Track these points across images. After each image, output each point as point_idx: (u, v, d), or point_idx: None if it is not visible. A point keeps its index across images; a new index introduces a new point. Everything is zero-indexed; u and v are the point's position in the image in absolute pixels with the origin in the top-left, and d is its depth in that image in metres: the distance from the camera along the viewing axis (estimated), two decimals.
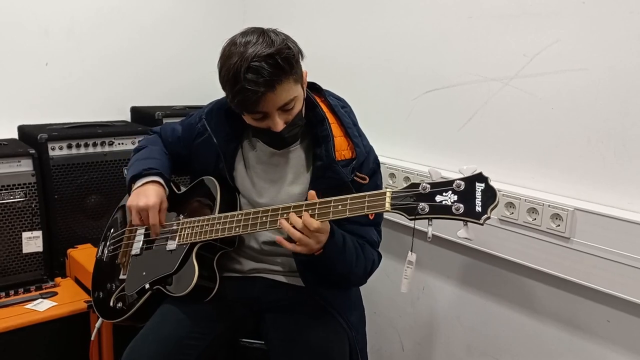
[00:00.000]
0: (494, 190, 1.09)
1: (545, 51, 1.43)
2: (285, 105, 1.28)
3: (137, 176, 1.47)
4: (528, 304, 1.55)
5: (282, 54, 1.23)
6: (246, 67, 1.21)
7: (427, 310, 1.85)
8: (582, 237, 1.35)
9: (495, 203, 1.08)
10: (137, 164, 1.51)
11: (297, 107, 1.32)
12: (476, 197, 1.09)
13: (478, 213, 1.08)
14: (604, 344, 1.39)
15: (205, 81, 2.57)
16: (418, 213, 1.12)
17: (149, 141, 1.63)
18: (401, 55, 1.84)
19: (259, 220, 1.30)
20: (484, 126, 1.60)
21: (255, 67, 1.20)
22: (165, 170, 1.51)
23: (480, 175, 1.10)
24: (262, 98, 1.23)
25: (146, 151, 1.57)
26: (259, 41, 1.24)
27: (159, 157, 1.54)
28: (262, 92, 1.22)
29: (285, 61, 1.23)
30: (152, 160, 1.51)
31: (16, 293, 1.86)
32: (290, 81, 1.26)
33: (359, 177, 1.36)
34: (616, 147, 1.32)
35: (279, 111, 1.28)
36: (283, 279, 1.49)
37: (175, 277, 1.39)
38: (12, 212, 1.88)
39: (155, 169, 1.48)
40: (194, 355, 1.34)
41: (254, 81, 1.21)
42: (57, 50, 2.25)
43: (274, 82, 1.22)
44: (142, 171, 1.46)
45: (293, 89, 1.28)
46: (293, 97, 1.28)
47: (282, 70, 1.23)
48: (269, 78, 1.21)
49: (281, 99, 1.26)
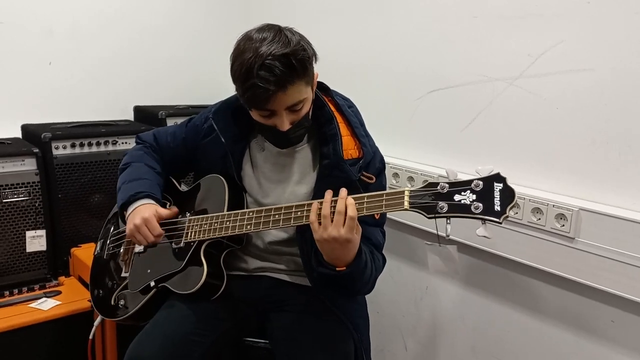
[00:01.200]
0: (512, 190, 1.10)
1: (550, 51, 1.43)
2: (294, 105, 1.28)
3: (126, 204, 1.45)
4: (532, 304, 1.55)
5: (297, 55, 1.23)
6: (260, 64, 1.20)
7: (431, 311, 1.85)
8: (586, 237, 1.35)
9: (513, 202, 1.09)
10: (123, 190, 1.48)
11: (305, 109, 1.31)
12: (495, 196, 1.10)
13: (497, 212, 1.09)
14: (609, 344, 1.38)
15: (208, 80, 2.58)
16: (437, 212, 1.12)
17: (133, 157, 1.57)
18: (405, 55, 1.84)
19: (271, 219, 1.29)
20: (488, 126, 1.60)
21: (269, 65, 1.20)
22: (154, 188, 1.49)
23: (498, 175, 1.11)
24: (272, 97, 1.23)
25: (131, 171, 1.52)
26: (275, 39, 1.23)
27: (144, 177, 1.50)
28: (272, 91, 1.22)
29: (300, 63, 1.23)
30: (138, 182, 1.48)
31: (20, 292, 1.87)
32: (302, 83, 1.26)
33: (366, 176, 1.36)
34: (621, 147, 1.32)
35: (287, 111, 1.28)
36: (288, 278, 1.49)
37: (182, 275, 1.39)
38: (16, 211, 1.88)
39: (143, 191, 1.46)
40: (199, 352, 1.34)
41: (265, 79, 1.20)
42: (60, 50, 2.25)
43: (285, 82, 1.22)
44: (130, 197, 1.44)
45: (303, 91, 1.28)
46: (303, 99, 1.28)
47: (295, 72, 1.23)
48: (281, 78, 1.21)
49: (291, 99, 1.26)
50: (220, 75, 2.62)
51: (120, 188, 1.49)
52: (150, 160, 1.56)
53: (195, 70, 2.58)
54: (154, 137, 1.61)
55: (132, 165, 1.54)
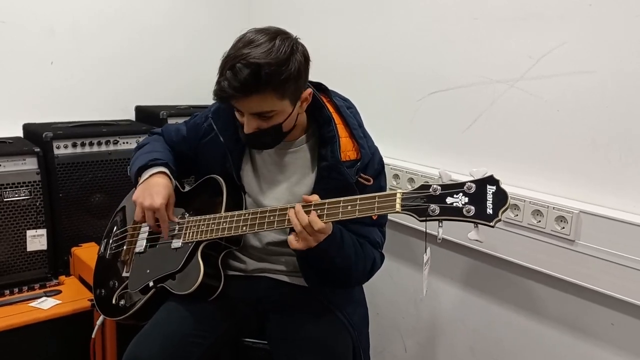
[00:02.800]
0: (505, 192, 1.09)
1: (551, 53, 1.43)
2: (262, 113, 1.28)
3: (143, 167, 1.47)
4: (532, 306, 1.54)
5: (268, 67, 1.20)
6: (231, 65, 1.22)
7: (431, 312, 1.85)
8: (587, 240, 1.35)
9: (506, 206, 1.08)
10: (141, 157, 1.51)
11: (276, 120, 1.30)
12: (487, 199, 1.09)
13: (489, 215, 1.08)
14: (608, 347, 1.38)
15: (209, 80, 2.56)
16: (429, 214, 1.12)
17: (151, 139, 1.63)
18: (406, 56, 1.84)
19: (266, 220, 1.30)
20: (489, 128, 1.60)
21: (238, 69, 1.21)
22: (171, 161, 1.52)
23: (491, 177, 1.10)
24: (232, 98, 1.25)
25: (149, 146, 1.57)
26: (262, 45, 1.22)
27: (163, 150, 1.54)
28: (231, 94, 1.23)
29: (269, 77, 1.21)
30: (156, 153, 1.52)
31: (20, 291, 1.87)
32: (270, 95, 1.24)
33: (363, 178, 1.36)
34: (622, 150, 1.32)
35: (253, 115, 1.28)
36: (287, 279, 1.49)
37: (180, 276, 1.39)
38: (16, 210, 1.88)
39: (160, 159, 1.49)
40: (198, 353, 1.34)
41: (229, 81, 1.22)
42: (62, 50, 2.26)
43: (247, 90, 1.22)
44: (149, 162, 1.47)
45: (272, 103, 1.26)
46: (271, 110, 1.27)
47: (259, 83, 1.21)
48: (244, 85, 1.21)
49: (253, 106, 1.26)
50: None
51: (138, 157, 1.52)
52: (165, 144, 1.60)
53: (197, 70, 2.58)
54: (162, 131, 1.65)
55: (151, 143, 1.59)
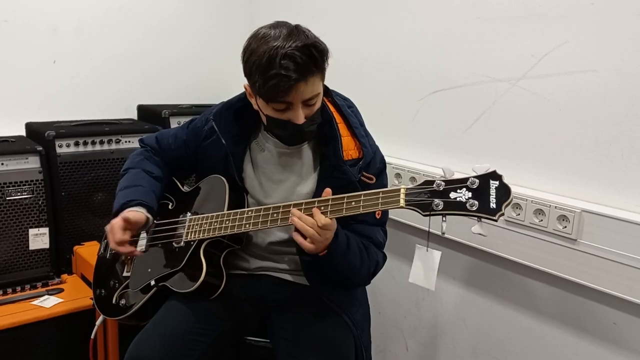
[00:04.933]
0: (507, 187, 1.10)
1: (554, 52, 1.43)
2: (310, 99, 1.29)
3: (117, 212, 1.44)
4: (534, 305, 1.54)
5: (318, 46, 1.24)
6: (283, 54, 1.21)
7: (432, 312, 1.85)
8: (589, 239, 1.35)
9: (509, 200, 1.09)
10: (118, 197, 1.48)
11: (317, 104, 1.33)
12: (490, 194, 1.10)
13: (493, 209, 1.09)
14: (610, 346, 1.38)
15: (211, 80, 2.58)
16: (433, 209, 1.13)
17: (132, 162, 1.58)
18: (408, 55, 1.84)
19: (269, 218, 1.30)
20: (491, 127, 1.60)
21: (291, 55, 1.21)
22: (147, 195, 1.48)
23: (494, 172, 1.11)
24: (294, 87, 1.23)
25: (128, 177, 1.53)
26: (292, 33, 1.25)
27: (139, 184, 1.50)
28: (294, 80, 1.22)
29: (320, 54, 1.25)
30: (132, 190, 1.48)
31: (23, 289, 1.88)
32: (319, 76, 1.28)
33: (366, 177, 1.36)
34: (624, 149, 1.32)
35: (302, 104, 1.29)
36: (289, 277, 1.49)
37: (182, 274, 1.39)
38: (19, 209, 1.89)
39: (134, 199, 1.45)
40: (199, 351, 1.35)
41: (288, 68, 1.21)
42: (65, 49, 2.26)
43: (307, 72, 1.23)
44: (122, 206, 1.44)
45: (318, 85, 1.30)
46: (317, 93, 1.30)
47: (315, 63, 1.24)
48: (303, 67, 1.22)
49: (309, 91, 1.27)
50: (224, 75, 2.62)
51: (117, 195, 1.50)
52: (150, 165, 1.56)
53: (199, 70, 2.58)
54: (156, 140, 1.61)
55: (130, 172, 1.55)
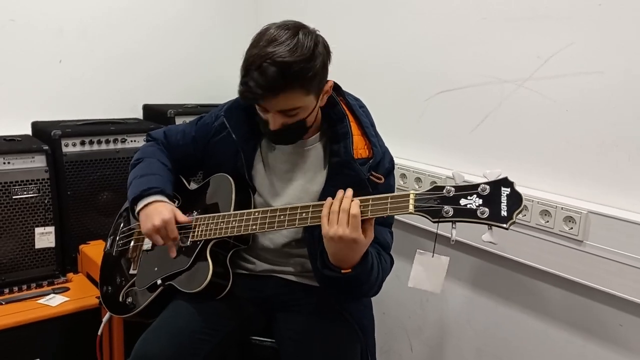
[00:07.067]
0: (519, 195, 1.08)
1: (560, 53, 1.43)
2: (288, 110, 1.27)
3: (137, 198, 1.43)
4: (540, 307, 1.54)
5: (297, 65, 1.20)
6: (258, 65, 1.20)
7: (437, 312, 1.85)
8: (595, 240, 1.35)
9: (520, 208, 1.07)
10: (135, 184, 1.46)
11: (300, 116, 1.30)
12: (502, 201, 1.08)
13: (504, 217, 1.07)
14: (617, 348, 1.38)
15: (216, 79, 2.58)
16: (442, 216, 1.11)
17: (145, 152, 1.57)
18: (413, 55, 1.84)
19: (276, 219, 1.29)
20: (496, 128, 1.60)
21: (265, 68, 1.19)
22: (166, 184, 1.48)
23: (505, 179, 1.09)
24: (261, 98, 1.24)
25: (143, 166, 1.52)
26: (286, 42, 1.21)
27: (157, 172, 1.49)
28: (259, 95, 1.22)
29: (296, 74, 1.21)
30: (150, 178, 1.47)
31: (29, 288, 1.88)
32: (300, 92, 1.24)
33: (375, 176, 1.36)
34: (630, 150, 1.31)
35: (279, 113, 1.28)
36: (296, 278, 1.49)
37: (188, 274, 1.40)
38: (25, 208, 1.90)
39: (155, 187, 1.44)
40: (206, 350, 1.35)
41: (257, 81, 1.20)
42: (71, 49, 2.27)
43: (276, 89, 1.21)
44: (142, 192, 1.43)
45: (299, 99, 1.26)
46: (297, 107, 1.27)
47: (288, 82, 1.21)
48: (272, 84, 1.20)
49: (282, 104, 1.25)
50: (229, 75, 2.62)
51: (132, 182, 1.48)
52: (162, 157, 1.56)
53: (204, 70, 2.58)
54: (164, 135, 1.61)
55: (145, 161, 1.54)
